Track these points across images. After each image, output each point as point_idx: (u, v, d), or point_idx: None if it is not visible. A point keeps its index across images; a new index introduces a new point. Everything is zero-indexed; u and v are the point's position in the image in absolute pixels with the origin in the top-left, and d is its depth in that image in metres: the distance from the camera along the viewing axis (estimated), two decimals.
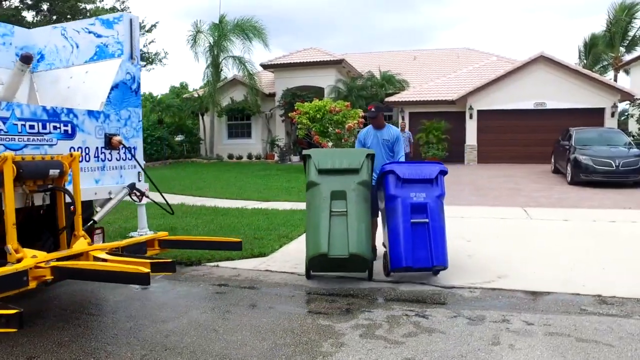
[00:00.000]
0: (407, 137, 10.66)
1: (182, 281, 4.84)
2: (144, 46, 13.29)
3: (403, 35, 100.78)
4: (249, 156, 22.49)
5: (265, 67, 22.75)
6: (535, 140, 18.42)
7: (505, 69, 19.34)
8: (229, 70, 21.86)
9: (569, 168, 12.41)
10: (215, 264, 5.41)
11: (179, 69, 75.37)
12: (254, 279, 4.83)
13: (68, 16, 11.61)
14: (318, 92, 21.09)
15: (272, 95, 22.93)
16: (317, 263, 4.55)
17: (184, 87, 30.11)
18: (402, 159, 5.46)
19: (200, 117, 23.58)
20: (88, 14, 12.29)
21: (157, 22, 12.68)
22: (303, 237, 5.82)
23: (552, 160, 15.07)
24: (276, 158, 21.47)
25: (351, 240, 4.35)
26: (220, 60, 21.44)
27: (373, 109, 5.49)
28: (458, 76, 21.84)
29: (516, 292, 4.25)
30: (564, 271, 4.80)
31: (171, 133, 22.99)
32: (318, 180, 4.60)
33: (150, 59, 12.99)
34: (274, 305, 4.10)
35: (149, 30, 12.35)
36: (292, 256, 5.66)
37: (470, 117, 19.43)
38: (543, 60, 18.31)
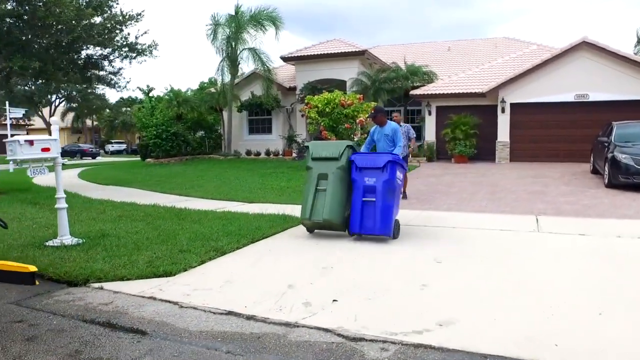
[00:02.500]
0: (405, 131, 9.37)
1: (33, 310, 3.82)
2: (135, 37, 12.61)
3: (458, 29, 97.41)
4: (267, 153, 21.55)
5: (285, 59, 21.71)
6: (576, 137, 16.37)
7: (542, 57, 17.32)
8: (247, 64, 20.99)
9: (606, 168, 10.58)
10: (100, 285, 4.38)
11: (208, 65, 75.79)
12: (119, 312, 3.75)
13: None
14: (340, 85, 19.83)
15: (293, 89, 21.88)
16: (307, 225, 6.30)
17: (212, 82, 29.61)
18: (399, 149, 6.63)
19: (221, 113, 22.88)
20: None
21: (143, 11, 11.87)
22: (239, 252, 5.53)
23: (591, 159, 13.14)
24: (294, 155, 20.40)
25: (325, 209, 6.03)
26: (238, 53, 20.58)
27: (372, 112, 7.11)
28: (492, 67, 19.96)
29: (452, 354, 2.93)
30: (543, 320, 3.40)
31: (190, 129, 22.41)
32: (311, 165, 6.33)
33: (140, 51, 12.30)
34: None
35: (136, 20, 11.65)
36: (201, 278, 4.55)
37: (502, 110, 17.57)
38: (586, 46, 16.18)
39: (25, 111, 24.68)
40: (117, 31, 11.50)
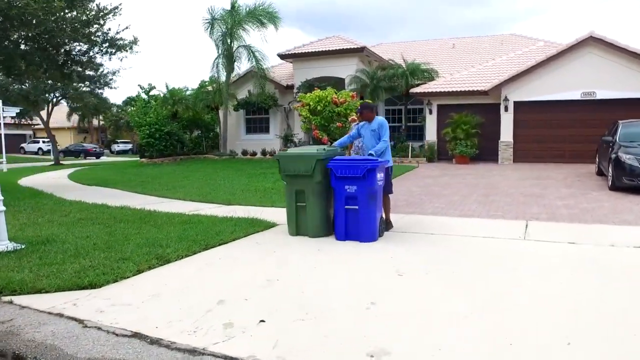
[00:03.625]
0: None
1: None
2: (116, 32, 12.16)
3: (471, 28, 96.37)
4: (263, 153, 21.03)
5: (282, 57, 21.20)
6: (583, 136, 15.60)
7: (548, 53, 16.57)
8: (243, 62, 20.47)
9: (610, 169, 9.89)
10: (10, 298, 3.88)
11: (210, 64, 75.84)
12: (11, 333, 3.23)
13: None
14: (338, 83, 19.29)
15: (291, 87, 21.37)
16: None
17: (213, 81, 29.24)
18: (383, 143, 6.25)
19: (217, 112, 22.43)
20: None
21: (120, 5, 11.43)
22: (185, 260, 5.00)
23: (596, 160, 12.42)
24: None
25: (310, 226, 5.99)
26: (234, 49, 20.10)
27: (359, 108, 6.97)
28: (496, 64, 19.24)
29: None
30: (498, 351, 2.82)
31: (185, 128, 21.98)
32: (285, 180, 6.15)
33: (119, 46, 11.84)
34: None
35: (113, 14, 11.20)
36: (128, 290, 4.04)
37: (506, 109, 16.85)
38: (593, 41, 15.40)
39: (20, 110, 24.45)
40: (96, 25, 11.07)
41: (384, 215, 6.27)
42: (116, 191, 11.82)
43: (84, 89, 24.80)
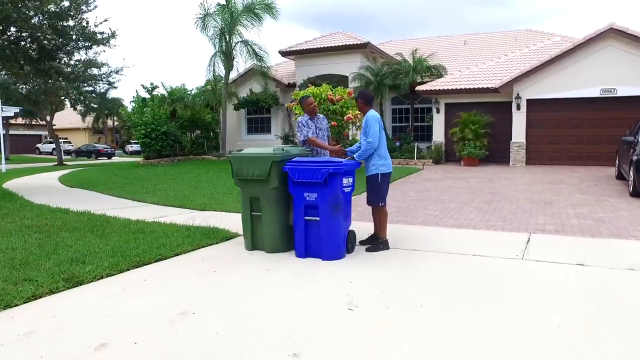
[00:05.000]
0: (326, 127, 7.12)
1: None
2: (95, 25, 11.43)
3: (492, 29, 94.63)
4: None
5: (284, 54, 20.35)
6: (602, 137, 14.44)
7: (563, 47, 15.37)
8: (243, 59, 19.64)
9: (631, 173, 8.76)
10: None
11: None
12: None
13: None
14: (341, 81, 18.34)
15: (293, 85, 20.49)
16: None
17: (218, 79, 28.55)
18: (366, 145, 5.11)
19: (217, 111, 21.69)
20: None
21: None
22: (101, 282, 4.17)
23: (616, 163, 11.26)
24: None
25: (267, 241, 5.10)
26: (233, 46, 19.30)
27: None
28: (508, 60, 18.07)
29: None
30: None
31: (184, 128, 21.27)
32: (239, 185, 5.27)
33: (96, 40, 11.13)
34: None
35: (86, 4, 10.50)
36: (2, 326, 3.19)
37: (518, 107, 15.69)
38: (614, 33, 14.16)
39: (20, 110, 24.07)
40: (72, 21, 10.38)
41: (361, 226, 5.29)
42: (93, 194, 11.11)
43: (86, 88, 24.32)
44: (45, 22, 9.64)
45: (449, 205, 8.37)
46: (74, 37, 10.88)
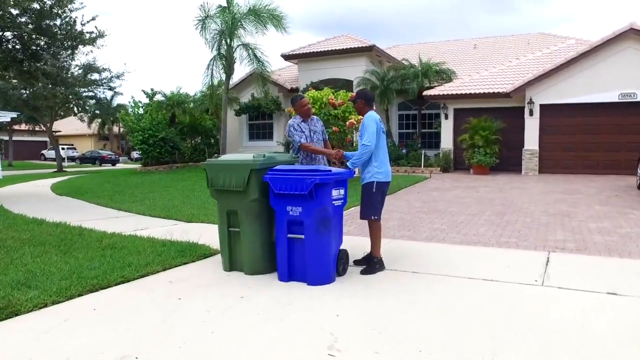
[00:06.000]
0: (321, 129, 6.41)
1: None
2: (82, 24, 10.95)
3: (502, 34, 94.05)
4: None
5: (287, 57, 19.79)
6: (621, 144, 13.67)
7: (579, 50, 14.62)
8: (243, 63, 19.06)
9: None
10: None
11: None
12: None
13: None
14: (346, 85, 17.71)
15: (296, 90, 19.90)
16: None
17: (220, 84, 28.04)
18: (363, 148, 4.50)
19: (217, 117, 21.11)
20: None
21: None
22: (43, 312, 3.53)
23: (638, 172, 10.49)
24: None
25: (246, 261, 4.46)
26: (233, 50, 18.73)
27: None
28: (520, 64, 17.34)
29: None
30: None
31: (184, 134, 20.72)
32: (215, 197, 4.67)
33: (82, 40, 10.63)
34: None
35: (71, 2, 10.01)
36: None
37: (530, 113, 14.95)
38: (634, 34, 13.40)
39: (17, 115, 23.71)
40: (55, 17, 9.88)
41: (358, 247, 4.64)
42: (79, 202, 10.53)
43: (86, 93, 23.92)
44: (27, 20, 9.14)
45: (457, 218, 7.65)
46: (59, 36, 10.38)
